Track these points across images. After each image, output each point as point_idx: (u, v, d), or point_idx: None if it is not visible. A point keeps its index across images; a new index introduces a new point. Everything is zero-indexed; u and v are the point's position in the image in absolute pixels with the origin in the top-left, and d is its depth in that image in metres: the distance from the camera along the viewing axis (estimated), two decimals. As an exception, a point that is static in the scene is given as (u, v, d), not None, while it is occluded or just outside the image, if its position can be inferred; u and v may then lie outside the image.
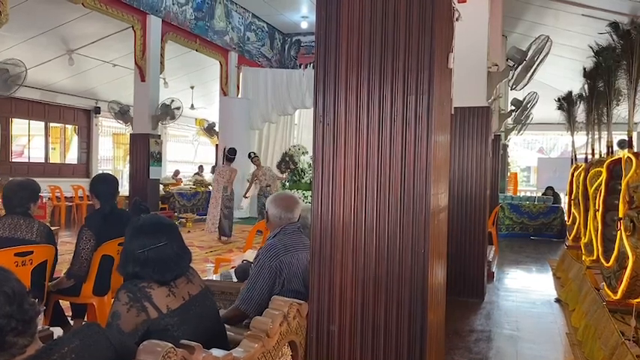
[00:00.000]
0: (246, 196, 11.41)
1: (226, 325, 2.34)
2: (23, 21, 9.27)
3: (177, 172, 15.54)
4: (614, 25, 5.11)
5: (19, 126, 13.68)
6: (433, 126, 2.12)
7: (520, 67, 6.38)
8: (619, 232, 3.77)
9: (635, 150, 4.43)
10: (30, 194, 3.28)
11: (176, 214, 11.99)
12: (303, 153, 13.56)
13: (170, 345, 1.38)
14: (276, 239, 2.70)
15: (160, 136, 11.15)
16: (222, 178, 9.57)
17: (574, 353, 3.98)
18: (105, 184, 3.60)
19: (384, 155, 2.17)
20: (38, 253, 3.14)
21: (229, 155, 9.80)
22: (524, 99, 10.77)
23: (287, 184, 12.44)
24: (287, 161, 12.70)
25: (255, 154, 11.21)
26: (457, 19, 2.68)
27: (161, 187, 12.12)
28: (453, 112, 2.78)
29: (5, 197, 3.24)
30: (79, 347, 1.27)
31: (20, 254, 3.05)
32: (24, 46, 10.47)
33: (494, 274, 6.57)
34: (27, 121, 13.78)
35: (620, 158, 4.11)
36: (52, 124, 14.52)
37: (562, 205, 11.33)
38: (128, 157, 11.92)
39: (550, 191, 12.20)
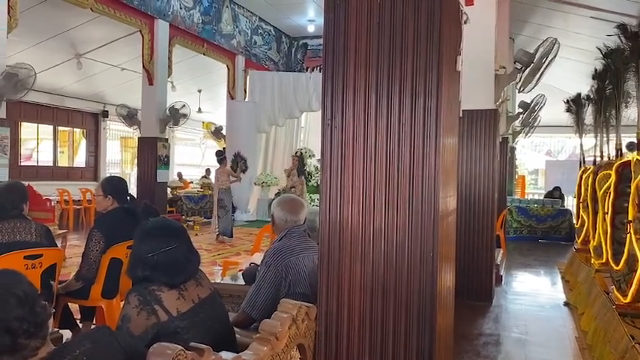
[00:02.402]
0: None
1: (236, 329, 2.35)
2: (32, 25, 9.34)
3: (180, 175, 15.56)
4: (623, 27, 5.10)
5: (27, 129, 13.79)
6: (441, 129, 2.12)
7: (528, 69, 6.36)
8: (628, 234, 3.74)
9: (645, 152, 4.40)
10: (20, 196, 3.28)
11: (184, 217, 12.02)
12: (310, 156, 13.58)
13: (180, 347, 1.39)
14: (282, 242, 2.70)
15: (167, 139, 11.21)
16: (217, 182, 9.82)
17: (583, 357, 3.95)
18: (119, 183, 3.66)
19: (393, 159, 2.17)
20: (47, 256, 3.16)
21: (216, 157, 10.15)
22: (531, 101, 10.73)
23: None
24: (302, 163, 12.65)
25: (298, 152, 11.26)
26: (465, 22, 2.67)
27: (168, 190, 12.18)
28: (461, 115, 2.77)
29: None
30: (90, 350, 1.28)
31: (29, 257, 3.06)
32: (33, 51, 10.55)
33: (503, 278, 6.53)
34: (35, 124, 13.89)
35: (630, 161, 4.09)
36: (60, 128, 14.63)
37: (568, 207, 11.27)
38: (136, 161, 11.98)
39: (557, 192, 12.09)
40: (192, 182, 15.95)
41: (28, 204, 3.40)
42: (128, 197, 3.65)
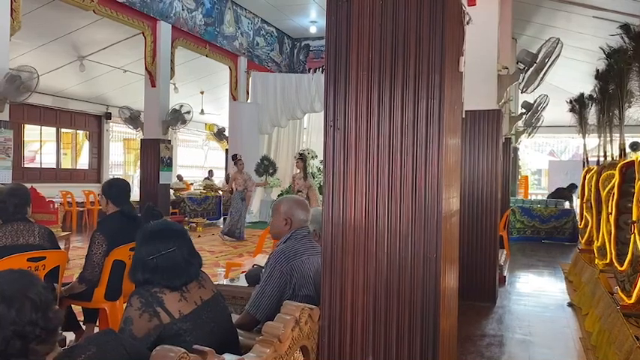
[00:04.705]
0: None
1: (239, 330, 2.34)
2: (35, 28, 9.37)
3: (180, 177, 15.55)
4: (626, 27, 5.09)
5: (31, 132, 13.82)
6: (444, 130, 2.11)
7: (530, 69, 6.34)
8: (633, 235, 3.73)
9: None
10: (23, 199, 3.28)
11: (187, 218, 12.04)
12: (312, 157, 13.56)
13: (183, 350, 1.38)
14: (287, 244, 2.70)
15: (170, 141, 11.22)
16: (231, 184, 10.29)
17: (588, 358, 3.93)
18: (117, 187, 3.64)
19: (395, 160, 2.16)
20: (50, 258, 3.16)
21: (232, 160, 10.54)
22: (534, 102, 10.71)
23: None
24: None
25: (300, 154, 11.30)
26: (468, 23, 2.66)
27: (172, 191, 12.20)
28: (463, 116, 2.76)
29: None
30: (95, 355, 1.28)
31: (33, 259, 3.07)
32: (36, 53, 10.58)
33: (506, 278, 6.52)
34: (39, 126, 13.92)
35: (633, 161, 4.08)
36: (63, 130, 14.66)
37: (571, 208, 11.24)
38: (139, 163, 12.00)
39: (569, 191, 11.98)
40: (192, 184, 15.95)
41: (31, 206, 3.41)
42: (128, 202, 3.64)
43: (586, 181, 7.01)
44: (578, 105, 9.01)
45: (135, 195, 10.69)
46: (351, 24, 2.22)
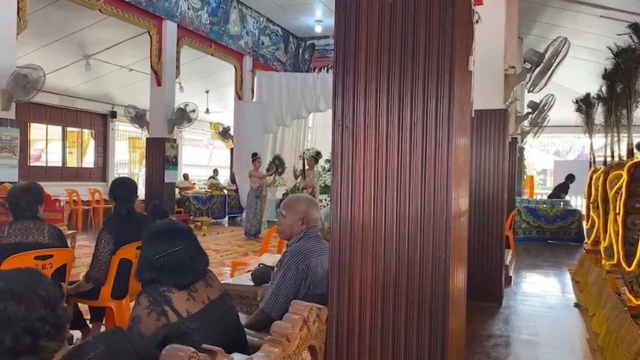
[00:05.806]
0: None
1: (249, 330, 2.34)
2: (41, 27, 9.40)
3: (186, 176, 15.54)
4: (634, 26, 5.06)
5: (37, 130, 13.87)
6: (454, 129, 2.10)
7: (537, 69, 6.31)
8: (641, 235, 3.71)
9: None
10: (36, 198, 3.29)
11: (192, 217, 12.05)
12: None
13: (192, 350, 1.38)
14: (300, 243, 2.68)
15: (175, 140, 11.24)
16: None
17: (595, 359, 3.91)
18: (122, 187, 3.64)
19: (404, 159, 2.15)
20: (58, 256, 3.16)
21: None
22: (540, 101, 10.67)
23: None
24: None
25: (316, 153, 11.33)
26: (477, 21, 2.65)
27: (177, 190, 12.21)
28: (472, 115, 2.75)
29: (12, 204, 3.24)
30: (104, 352, 1.28)
31: (40, 258, 3.07)
32: (42, 52, 10.61)
33: (512, 279, 6.50)
34: (45, 125, 13.96)
35: (642, 161, 4.05)
36: (69, 129, 14.71)
37: (577, 208, 11.18)
38: (144, 161, 12.02)
39: (568, 183, 11.92)
40: (195, 183, 15.96)
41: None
42: (132, 204, 3.64)
43: (593, 181, 6.98)
44: (585, 105, 8.98)
45: (140, 194, 10.72)
46: (360, 22, 2.21)
